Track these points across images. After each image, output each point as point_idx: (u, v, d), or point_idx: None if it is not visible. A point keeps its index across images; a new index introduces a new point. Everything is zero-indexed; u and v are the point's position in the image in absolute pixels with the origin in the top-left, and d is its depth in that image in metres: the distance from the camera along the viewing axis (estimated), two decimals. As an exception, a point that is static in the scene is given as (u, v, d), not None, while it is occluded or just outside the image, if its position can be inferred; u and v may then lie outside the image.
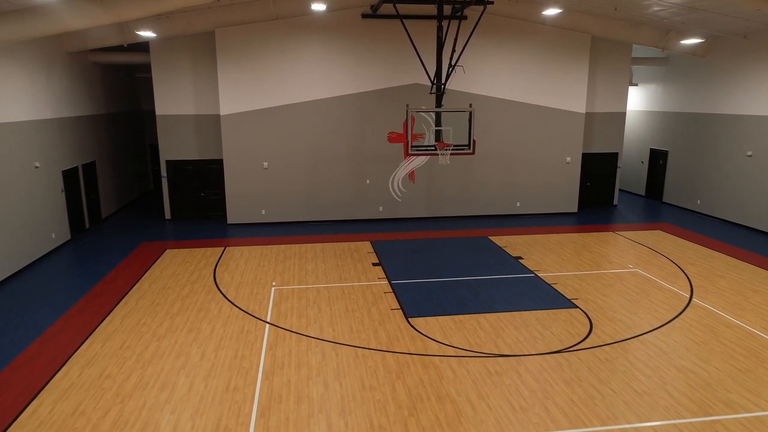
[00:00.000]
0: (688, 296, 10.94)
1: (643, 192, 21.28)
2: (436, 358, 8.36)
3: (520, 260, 13.33)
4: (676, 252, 13.95)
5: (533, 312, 10.12)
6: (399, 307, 10.34)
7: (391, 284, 11.64)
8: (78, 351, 8.58)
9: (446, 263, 13.07)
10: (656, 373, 7.91)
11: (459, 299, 10.77)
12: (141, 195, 21.65)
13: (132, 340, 8.99)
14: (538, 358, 8.35)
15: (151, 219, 17.73)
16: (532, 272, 12.40)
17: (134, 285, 11.60)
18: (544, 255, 13.73)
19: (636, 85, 21.16)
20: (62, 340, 8.97)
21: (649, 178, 20.98)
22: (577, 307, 10.38)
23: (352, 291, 11.24)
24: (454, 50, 12.68)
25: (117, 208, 18.78)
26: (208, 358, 8.35)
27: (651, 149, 20.72)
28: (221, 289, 11.36)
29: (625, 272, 12.41)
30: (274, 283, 11.72)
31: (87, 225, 16.27)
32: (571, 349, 8.67)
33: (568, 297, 10.87)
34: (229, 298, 10.82)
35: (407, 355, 8.47)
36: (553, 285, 11.58)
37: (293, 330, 9.36)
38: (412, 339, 9.00)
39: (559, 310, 10.23)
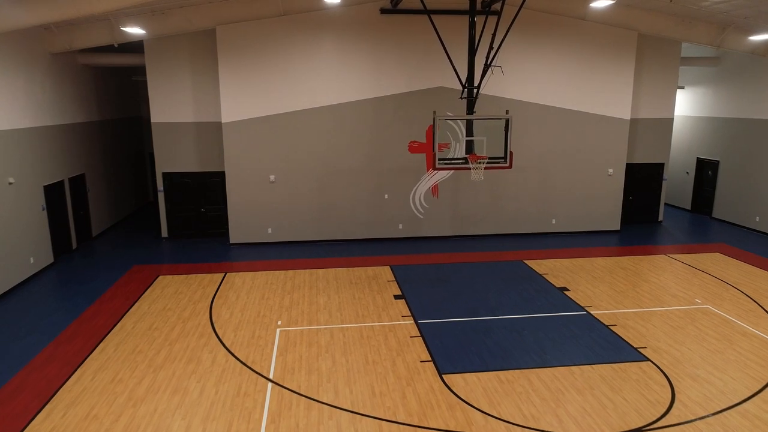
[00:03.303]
0: (780, 344, 9.01)
1: (688, 206, 19.27)
2: (483, 438, 6.53)
3: (565, 292, 11.44)
4: (746, 281, 11.99)
5: (595, 366, 8.25)
6: (430, 359, 8.51)
7: (417, 325, 9.81)
8: (31, 423, 6.84)
9: (480, 296, 11.23)
10: (778, 467, 6.02)
11: (502, 347, 8.91)
12: (139, 208, 20.02)
13: (102, 405, 7.24)
14: (616, 440, 6.49)
15: (147, 237, 16.05)
16: (583, 309, 10.51)
17: (116, 323, 9.88)
18: (593, 285, 11.83)
19: (682, 87, 19.17)
20: (12, 409, 7.23)
21: (696, 190, 18.97)
22: (647, 359, 8.48)
23: (372, 334, 9.43)
24: (491, 47, 10.86)
25: (110, 224, 17.13)
26: (192, 437, 6.58)
27: (698, 159, 18.72)
28: (217, 331, 9.60)
29: (694, 309, 10.48)
30: (279, 323, 9.94)
31: (74, 245, 14.63)
32: (654, 425, 6.78)
33: (634, 345, 8.97)
34: (226, 344, 9.05)
35: (446, 433, 6.64)
36: (611, 327, 9.68)
37: (301, 393, 7.56)
38: (449, 407, 7.17)
39: (626, 363, 8.34)
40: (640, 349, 8.80)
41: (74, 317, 10.16)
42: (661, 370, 8.13)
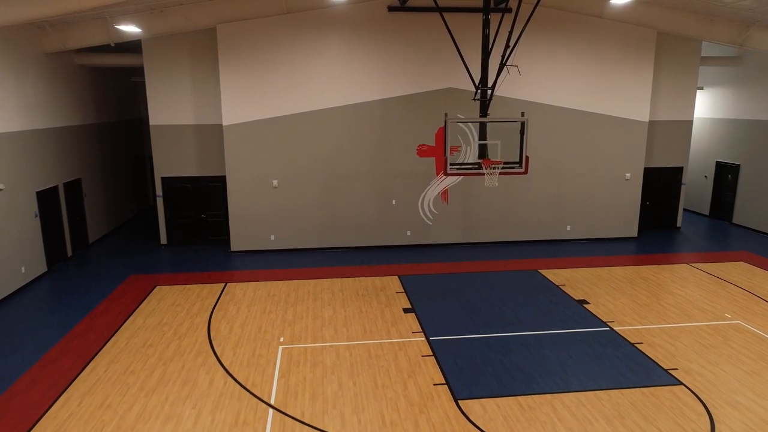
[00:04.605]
0: (822, 366, 8.34)
1: (707, 211, 18.57)
2: (507, 477, 5.90)
3: (585, 305, 10.80)
4: (776, 294, 11.32)
5: (624, 391, 7.60)
6: (444, 382, 7.88)
7: (429, 342, 9.18)
8: (9, 457, 6.26)
9: (495, 310, 10.59)
10: None
11: (521, 368, 8.27)
12: (139, 212, 19.46)
13: (88, 435, 6.65)
14: (654, 480, 5.84)
15: (145, 244, 15.47)
16: (606, 324, 9.86)
17: (109, 339, 9.29)
18: (614, 297, 11.18)
19: (701, 88, 18.48)
20: (-7, 436, 6.66)
21: (715, 195, 18.27)
22: (680, 383, 7.83)
23: (381, 353, 8.81)
24: (507, 46, 10.23)
25: (108, 230, 16.56)
26: (185, 474, 5.97)
27: (717, 162, 18.03)
28: (216, 348, 8.99)
29: (724, 325, 9.81)
30: (281, 340, 9.33)
31: (70, 253, 14.06)
32: (696, 462, 6.14)
33: (664, 366, 8.31)
34: (224, 364, 8.44)
35: (465, 470, 6.01)
36: (637, 345, 9.03)
37: (305, 421, 6.94)
38: (468, 439, 6.54)
39: (657, 388, 7.69)
40: (671, 371, 8.15)
41: (65, 332, 9.57)
42: (697, 396, 7.48)
